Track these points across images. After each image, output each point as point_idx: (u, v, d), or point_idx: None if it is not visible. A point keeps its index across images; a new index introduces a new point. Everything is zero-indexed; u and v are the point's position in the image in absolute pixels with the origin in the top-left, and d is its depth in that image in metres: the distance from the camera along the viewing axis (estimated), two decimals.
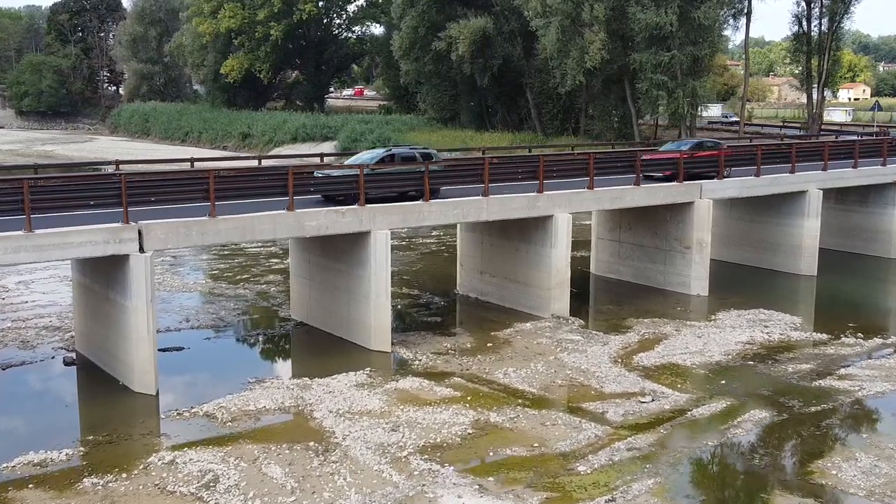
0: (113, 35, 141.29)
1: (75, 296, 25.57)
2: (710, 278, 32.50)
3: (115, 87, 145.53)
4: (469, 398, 21.71)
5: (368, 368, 23.87)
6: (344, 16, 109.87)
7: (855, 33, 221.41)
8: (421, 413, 20.61)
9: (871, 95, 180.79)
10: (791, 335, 27.47)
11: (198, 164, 31.80)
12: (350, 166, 27.03)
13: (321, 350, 26.03)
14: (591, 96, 69.47)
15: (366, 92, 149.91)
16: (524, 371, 23.74)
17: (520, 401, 21.62)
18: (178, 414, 20.73)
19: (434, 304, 31.60)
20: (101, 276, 23.29)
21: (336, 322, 27.00)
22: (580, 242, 36.39)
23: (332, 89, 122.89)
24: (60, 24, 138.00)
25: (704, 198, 32.36)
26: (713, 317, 29.62)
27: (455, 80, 78.77)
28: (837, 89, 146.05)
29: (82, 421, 21.30)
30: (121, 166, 29.58)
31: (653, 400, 21.64)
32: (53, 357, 25.14)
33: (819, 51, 69.68)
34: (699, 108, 65.43)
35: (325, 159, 34.49)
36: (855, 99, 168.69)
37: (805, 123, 73.83)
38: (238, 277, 35.21)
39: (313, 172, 26.43)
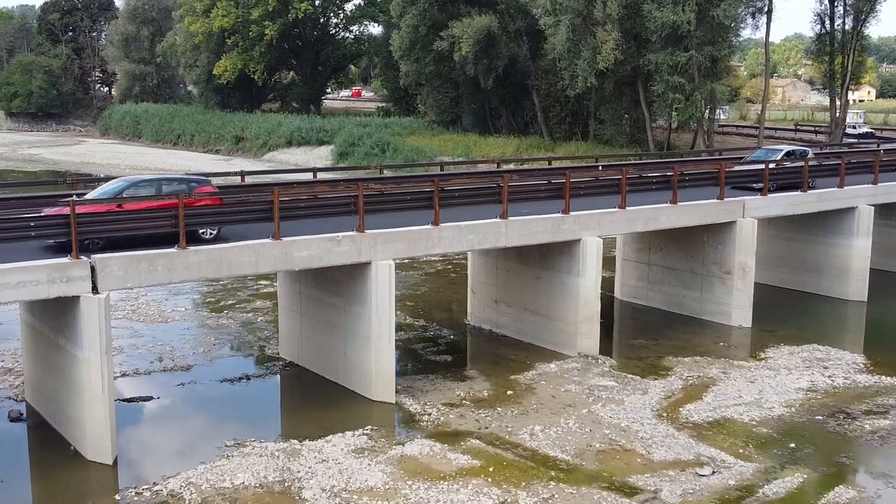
0: (105, 35, 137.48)
1: (23, 338, 21.83)
2: None
3: (107, 88, 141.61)
4: (491, 469, 17.98)
5: (369, 427, 20.13)
6: (341, 15, 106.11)
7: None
8: (434, 492, 16.88)
9: (877, 97, 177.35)
10: (857, 379, 23.74)
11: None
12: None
13: (313, 400, 22.27)
14: (602, 99, 65.73)
15: (363, 93, 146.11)
16: (554, 430, 19.99)
17: (552, 472, 17.89)
18: (138, 493, 16.96)
19: (442, 337, 27.86)
20: (50, 317, 19.56)
21: (331, 365, 23.27)
22: (603, 263, 32.61)
23: (329, 90, 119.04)
24: (51, 24, 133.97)
25: (748, 216, 28.64)
26: (762, 354, 25.92)
27: (457, 81, 75.09)
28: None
29: (21, 501, 17.48)
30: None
31: (713, 472, 17.91)
32: None
33: (842, 51, 66.07)
34: (717, 111, 61.64)
35: (319, 175, 30.57)
36: (860, 101, 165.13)
37: (828, 128, 70.10)
38: (222, 303, 31.43)
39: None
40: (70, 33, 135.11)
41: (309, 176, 32.78)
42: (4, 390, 22.65)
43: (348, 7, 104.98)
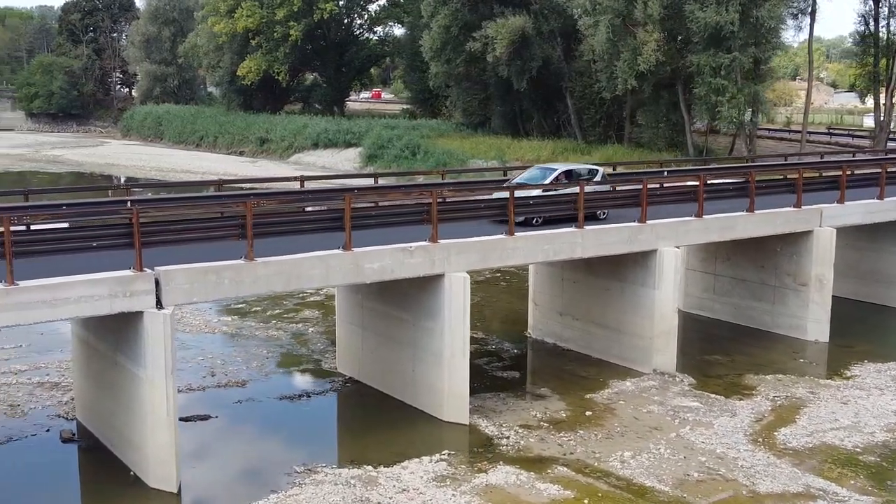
0: (126, 35, 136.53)
1: (75, 353, 20.53)
2: None
3: (127, 89, 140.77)
4: (586, 501, 16.62)
5: (446, 451, 18.78)
6: (365, 16, 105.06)
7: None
8: None
9: None
10: None
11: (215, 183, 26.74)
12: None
13: (380, 420, 20.93)
14: (638, 102, 64.18)
15: (383, 94, 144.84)
16: (645, 457, 18.60)
17: None
18: None
19: (504, 351, 26.48)
20: (107, 331, 18.28)
21: (396, 382, 21.93)
22: None
23: (352, 92, 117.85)
24: (72, 24, 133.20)
25: (825, 225, 27.18)
26: (846, 372, 24.47)
27: (486, 83, 73.67)
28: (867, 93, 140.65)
29: None
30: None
31: None
32: (48, 430, 20.08)
33: (887, 53, 64.35)
34: (760, 115, 59.97)
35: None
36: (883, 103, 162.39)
37: (871, 132, 68.32)
38: (269, 313, 30.11)
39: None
40: (91, 34, 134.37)
41: (342, 181, 31.35)
42: (53, 407, 21.40)
43: (372, 8, 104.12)
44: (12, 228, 15.98)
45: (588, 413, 21.18)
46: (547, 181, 24.76)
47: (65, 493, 17.80)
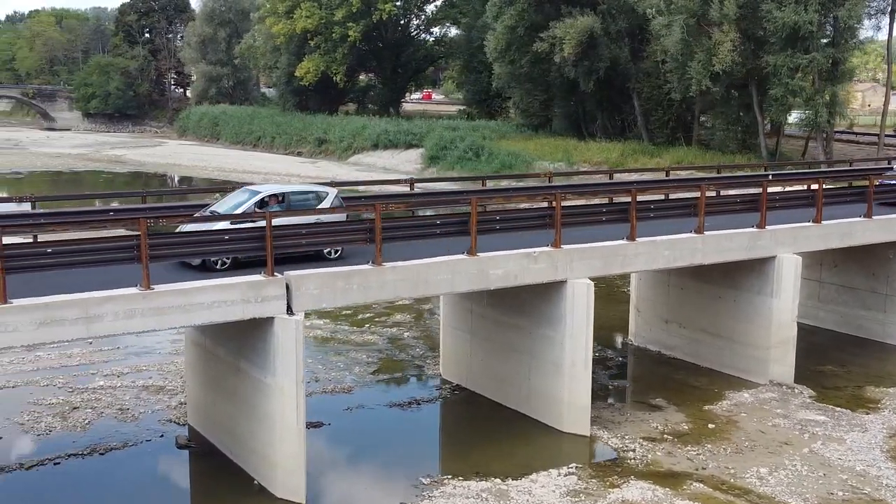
0: (181, 37, 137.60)
1: (189, 357, 20.16)
2: None
3: (181, 90, 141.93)
4: None
5: (572, 465, 18.15)
6: (422, 17, 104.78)
7: None
8: None
9: None
10: None
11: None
12: None
13: (496, 430, 20.33)
14: (709, 103, 62.99)
15: (433, 96, 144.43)
16: (782, 473, 17.81)
17: None
18: None
19: (609, 359, 25.78)
20: (227, 337, 17.88)
21: (509, 391, 21.32)
22: None
23: (408, 93, 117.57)
24: (129, 26, 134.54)
25: None
26: None
27: (548, 83, 72.95)
28: None
29: None
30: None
31: None
32: (162, 435, 19.78)
33: None
34: (837, 117, 58.55)
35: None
36: None
37: None
38: (360, 317, 29.61)
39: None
40: (147, 35, 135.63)
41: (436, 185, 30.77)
42: (162, 412, 21.09)
43: (429, 9, 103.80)
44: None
45: (711, 426, 20.42)
46: (242, 209, 18.15)
47: (188, 501, 17.43)
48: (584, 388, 19.74)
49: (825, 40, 55.47)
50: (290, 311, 16.41)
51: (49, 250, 14.89)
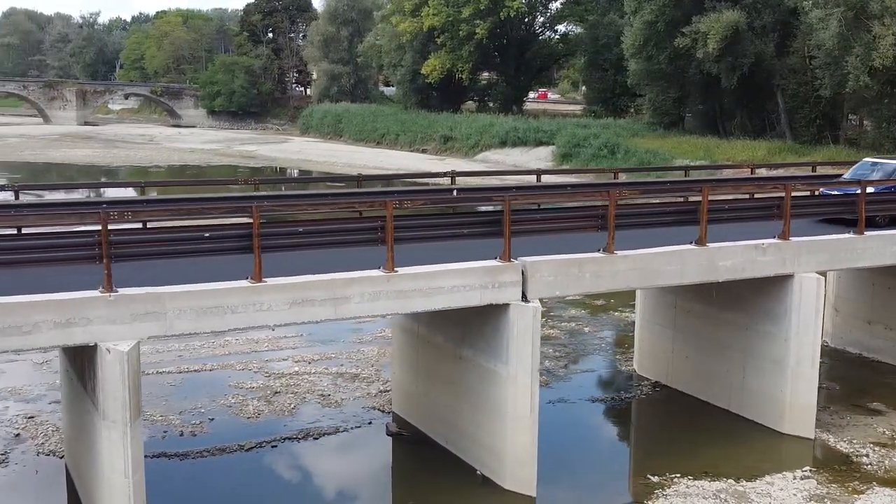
0: (303, 36, 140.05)
1: (397, 344, 19.93)
2: None
3: (302, 88, 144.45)
4: None
5: (807, 467, 17.24)
6: (548, 14, 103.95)
7: None
8: None
9: None
10: None
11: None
12: None
13: (708, 429, 19.50)
14: (861, 100, 60.36)
15: (549, 95, 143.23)
16: None
17: None
18: None
19: None
20: (447, 323, 17.55)
21: (719, 390, 20.45)
22: None
23: (532, 91, 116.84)
24: (253, 25, 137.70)
25: None
26: None
27: (682, 81, 71.19)
28: None
29: None
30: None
31: None
32: (371, 422, 19.63)
33: None
34: None
35: None
36: None
37: None
38: None
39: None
40: (270, 34, 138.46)
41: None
42: (363, 399, 20.95)
43: (553, 6, 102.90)
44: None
45: None
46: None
47: (411, 489, 17.18)
48: (810, 389, 18.75)
49: None
50: (524, 297, 15.97)
51: (301, 229, 14.80)
